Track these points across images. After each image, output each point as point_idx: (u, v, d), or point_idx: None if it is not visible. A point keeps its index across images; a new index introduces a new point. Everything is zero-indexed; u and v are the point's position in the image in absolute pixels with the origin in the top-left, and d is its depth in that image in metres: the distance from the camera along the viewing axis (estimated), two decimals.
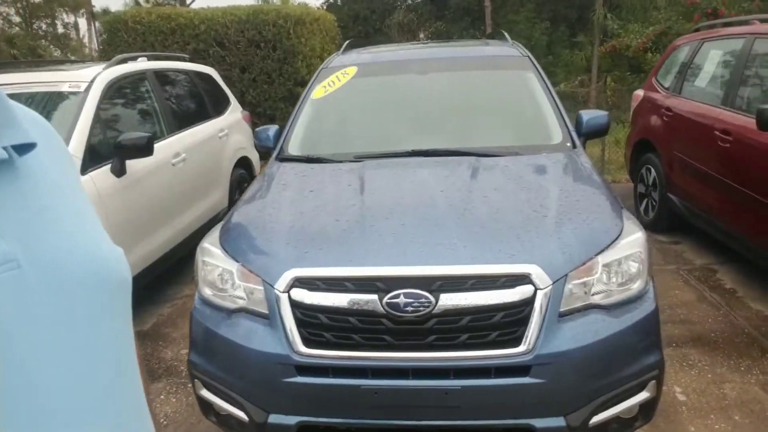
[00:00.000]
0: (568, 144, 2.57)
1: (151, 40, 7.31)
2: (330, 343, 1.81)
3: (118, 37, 7.37)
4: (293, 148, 2.82)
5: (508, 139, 2.70)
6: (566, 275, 1.82)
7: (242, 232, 2.18)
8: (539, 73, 2.93)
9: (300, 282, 1.84)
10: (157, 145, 3.50)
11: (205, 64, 5.62)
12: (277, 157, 2.80)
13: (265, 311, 1.87)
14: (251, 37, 7.29)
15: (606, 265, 1.89)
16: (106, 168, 3.26)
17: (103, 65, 3.75)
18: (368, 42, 3.95)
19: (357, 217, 2.08)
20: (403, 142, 2.72)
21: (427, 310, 1.75)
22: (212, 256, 2.07)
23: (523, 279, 1.79)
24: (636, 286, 1.89)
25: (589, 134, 2.78)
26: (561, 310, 1.79)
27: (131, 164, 3.36)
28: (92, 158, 3.20)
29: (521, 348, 1.75)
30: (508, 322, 1.77)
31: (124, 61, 3.95)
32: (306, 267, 1.88)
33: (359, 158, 2.59)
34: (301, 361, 1.81)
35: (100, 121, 3.39)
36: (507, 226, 1.98)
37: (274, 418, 1.85)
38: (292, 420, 1.84)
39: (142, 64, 4.20)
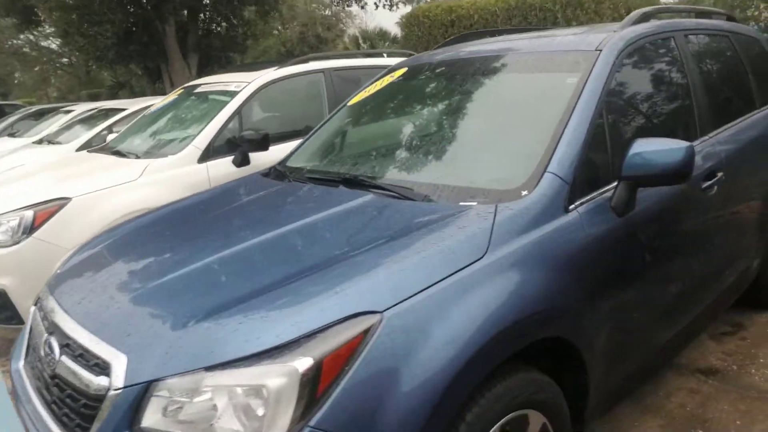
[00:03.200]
0: (526, 192, 1.80)
1: (435, 33, 7.74)
2: None
3: (411, 31, 8.03)
4: (295, 160, 2.75)
5: (455, 176, 2.06)
6: (152, 382, 1.32)
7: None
8: (589, 78, 2.09)
9: None
10: None
11: None
12: (264, 171, 2.72)
13: None
14: (517, 24, 6.95)
15: (217, 389, 1.28)
16: (226, 159, 3.82)
17: (275, 68, 4.31)
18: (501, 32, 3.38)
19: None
20: (362, 166, 2.38)
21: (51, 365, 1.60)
22: None
23: (105, 367, 1.41)
24: None
25: (638, 179, 1.88)
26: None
27: None
28: (214, 151, 3.80)
29: None
30: (84, 416, 1.42)
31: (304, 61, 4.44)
32: None
33: (315, 178, 2.39)
34: None
35: (240, 117, 3.97)
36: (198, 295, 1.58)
37: None
38: None
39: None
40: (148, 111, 4.91)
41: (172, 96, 4.84)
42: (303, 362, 1.26)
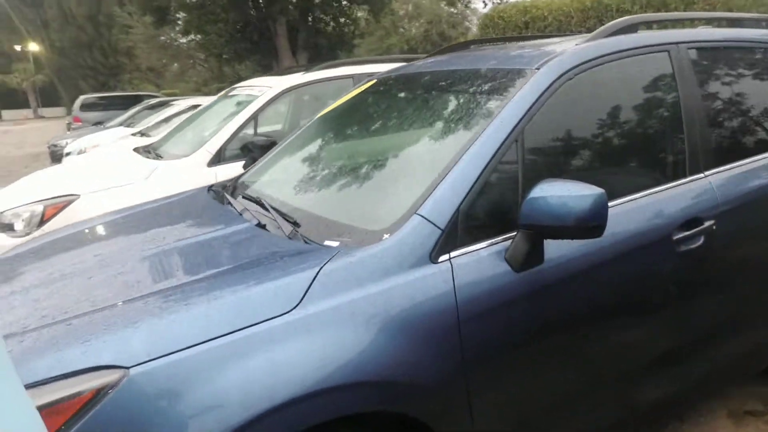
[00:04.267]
0: (387, 236, 1.56)
1: (509, 34, 7.30)
2: None
3: (487, 33, 7.65)
4: (250, 175, 2.62)
5: (339, 210, 1.83)
6: None
7: None
8: (509, 104, 1.79)
9: None
10: None
11: None
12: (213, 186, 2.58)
13: None
14: (591, 26, 6.31)
15: None
16: (235, 164, 3.84)
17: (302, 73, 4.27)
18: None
19: None
20: (270, 188, 2.23)
21: None
22: None
23: None
24: None
25: (538, 229, 1.58)
26: None
27: None
28: (227, 155, 3.84)
29: None
30: None
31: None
32: None
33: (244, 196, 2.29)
34: None
35: (256, 123, 3.98)
36: None
37: None
38: None
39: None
40: (195, 111, 5.11)
41: (217, 97, 5.00)
42: None
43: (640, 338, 1.91)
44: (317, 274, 1.44)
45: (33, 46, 42.71)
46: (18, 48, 43.32)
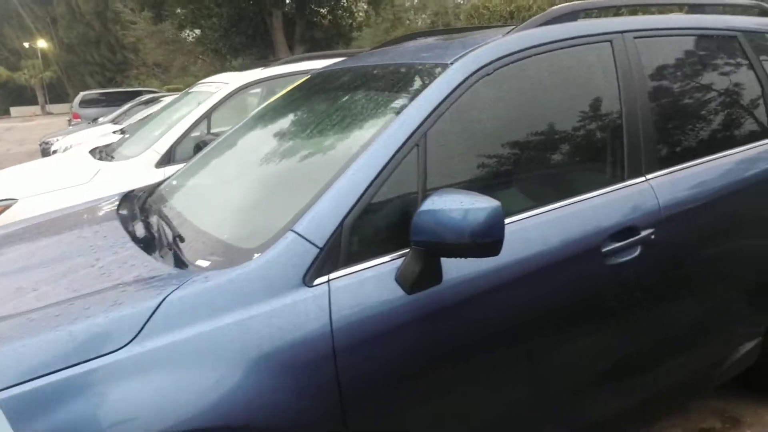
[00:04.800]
0: (257, 255, 1.38)
1: (495, 25, 7.02)
2: None
3: (472, 24, 7.40)
4: (168, 181, 2.38)
5: (220, 223, 1.66)
6: None
7: None
8: (412, 104, 1.60)
9: None
10: None
11: None
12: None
13: None
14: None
15: None
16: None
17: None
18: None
19: None
20: (172, 199, 2.05)
21: None
22: None
23: None
24: None
25: (430, 246, 1.39)
26: None
27: None
28: (178, 156, 3.67)
29: None
30: None
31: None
32: None
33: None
34: None
35: (209, 122, 3.80)
36: None
37: None
38: None
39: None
40: (157, 109, 4.95)
41: (181, 94, 4.84)
42: None
43: (567, 360, 1.71)
44: (160, 304, 1.26)
45: (41, 43, 42.95)
46: (27, 45, 43.57)
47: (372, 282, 1.40)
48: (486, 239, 1.34)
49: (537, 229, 1.62)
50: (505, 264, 1.52)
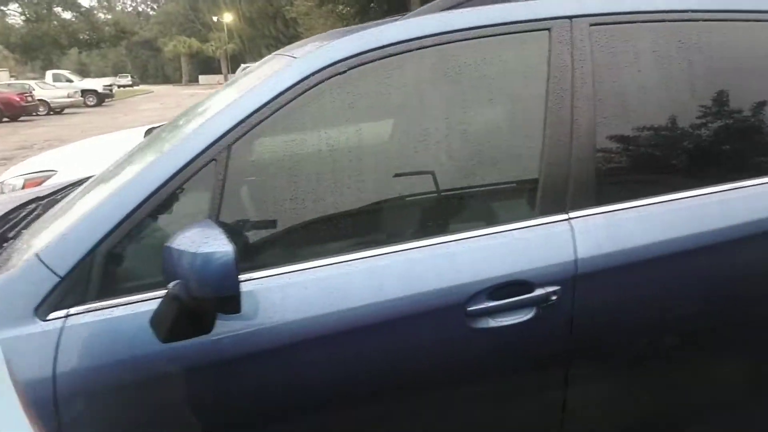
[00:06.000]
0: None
1: None
2: None
3: None
4: None
5: (42, 240, 1.46)
6: None
7: None
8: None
9: None
10: None
11: None
12: None
13: None
14: None
15: None
16: None
17: None
18: None
19: None
20: None
21: None
22: None
23: None
24: None
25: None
26: None
27: None
28: None
29: None
30: None
31: None
32: None
33: None
34: None
35: None
36: None
37: None
38: None
39: None
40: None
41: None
42: None
43: None
44: None
45: (227, 17, 47.20)
46: (215, 19, 48.24)
47: (122, 322, 1.19)
48: (217, 293, 1.06)
49: (367, 275, 1.27)
50: (315, 317, 1.21)
